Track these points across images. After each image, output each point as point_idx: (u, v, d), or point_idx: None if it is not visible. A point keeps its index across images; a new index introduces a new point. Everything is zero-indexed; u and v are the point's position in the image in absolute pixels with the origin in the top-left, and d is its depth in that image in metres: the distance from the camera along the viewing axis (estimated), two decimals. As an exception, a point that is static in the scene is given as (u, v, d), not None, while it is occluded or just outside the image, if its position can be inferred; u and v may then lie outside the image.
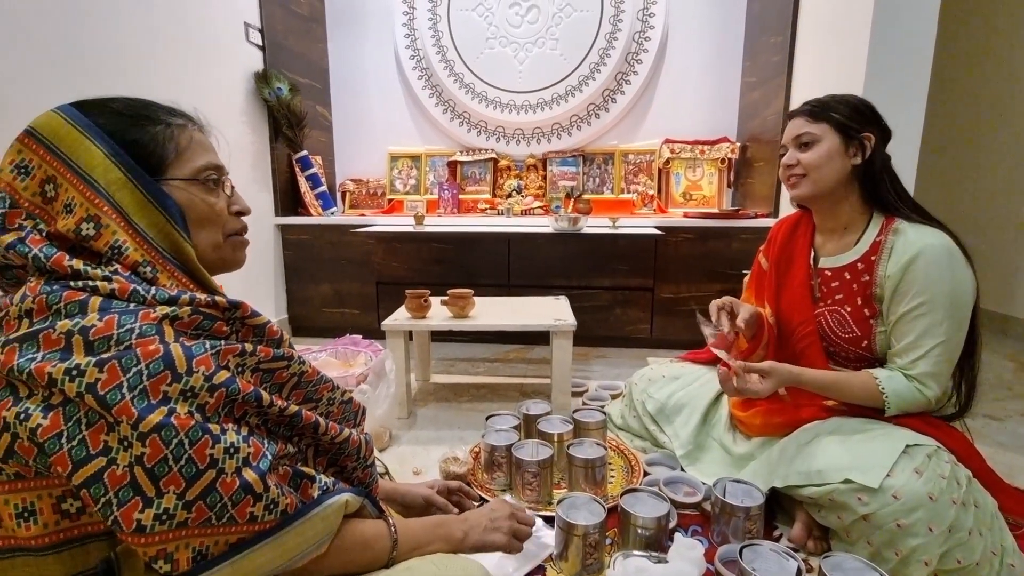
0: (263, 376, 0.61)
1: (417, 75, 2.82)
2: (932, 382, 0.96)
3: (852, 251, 1.07)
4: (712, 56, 2.65)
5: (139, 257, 0.57)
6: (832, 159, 1.03)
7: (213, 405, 0.53)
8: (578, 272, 2.26)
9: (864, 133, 1.02)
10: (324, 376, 0.70)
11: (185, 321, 0.55)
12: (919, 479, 0.85)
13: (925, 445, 0.91)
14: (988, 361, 2.12)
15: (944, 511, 0.82)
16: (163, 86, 1.81)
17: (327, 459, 0.70)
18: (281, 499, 0.56)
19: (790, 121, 1.09)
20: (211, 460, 0.51)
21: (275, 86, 2.31)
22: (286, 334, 0.67)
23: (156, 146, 0.59)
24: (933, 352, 0.95)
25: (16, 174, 0.56)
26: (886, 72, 1.59)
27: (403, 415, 1.60)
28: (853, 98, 1.05)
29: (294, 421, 0.62)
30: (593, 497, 0.97)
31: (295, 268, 2.50)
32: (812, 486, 0.92)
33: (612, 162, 2.78)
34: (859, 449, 0.91)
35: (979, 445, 1.02)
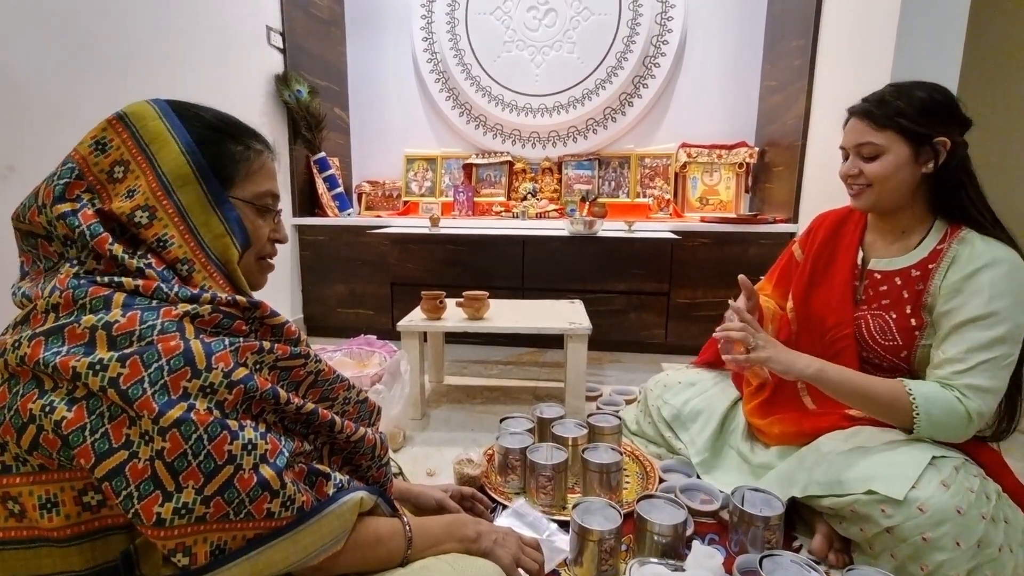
0: (280, 374, 0.62)
1: (434, 78, 2.84)
2: (975, 395, 0.85)
3: (909, 255, 0.99)
4: (731, 60, 2.63)
5: (181, 254, 0.59)
6: (900, 170, 0.93)
7: (232, 401, 0.53)
8: (593, 276, 2.25)
9: (938, 138, 0.92)
10: (340, 375, 0.70)
11: (205, 319, 0.56)
12: (946, 492, 0.81)
13: (952, 457, 0.88)
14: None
15: (973, 525, 0.79)
16: (186, 87, 1.85)
17: (342, 458, 0.70)
18: (298, 496, 0.56)
19: (849, 121, 1.00)
20: (229, 456, 0.51)
21: (295, 88, 2.34)
22: (303, 334, 0.68)
23: (230, 162, 0.63)
24: (982, 367, 0.86)
25: (93, 149, 0.58)
26: (913, 78, 1.56)
27: (417, 416, 1.60)
28: (922, 91, 0.93)
29: (310, 419, 0.63)
30: (609, 502, 0.96)
31: (311, 268, 2.52)
32: (833, 496, 0.90)
33: (628, 166, 2.77)
34: (883, 459, 0.88)
35: (1010, 461, 0.99)
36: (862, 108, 0.98)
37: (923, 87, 0.94)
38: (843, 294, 1.07)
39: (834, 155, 1.91)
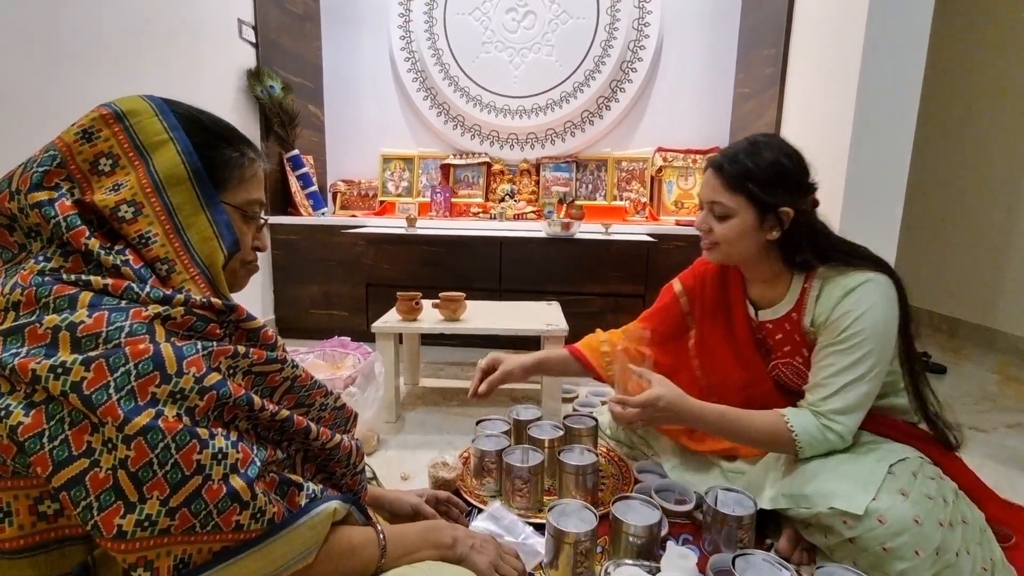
0: (255, 379, 0.60)
1: (412, 77, 2.81)
2: (841, 418, 0.91)
3: (784, 301, 1.03)
4: (706, 66, 2.68)
5: (163, 253, 0.57)
6: (746, 236, 0.97)
7: (203, 408, 0.51)
8: (570, 277, 2.26)
9: (782, 208, 0.94)
10: (318, 381, 0.68)
11: (178, 321, 0.54)
12: (905, 501, 0.83)
13: (910, 459, 0.90)
14: (972, 374, 2.15)
15: (930, 534, 0.81)
16: (153, 80, 1.78)
17: (316, 465, 0.68)
18: (268, 507, 0.54)
19: (705, 173, 1.01)
20: (198, 466, 0.49)
21: (267, 84, 2.29)
22: (281, 340, 0.66)
23: (225, 168, 0.62)
24: (845, 389, 0.91)
25: (79, 138, 0.56)
26: (879, 85, 1.62)
27: (391, 419, 1.58)
28: (772, 153, 0.95)
29: (285, 426, 0.61)
30: (585, 504, 0.96)
31: (284, 268, 2.46)
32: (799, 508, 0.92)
33: (605, 169, 2.79)
34: (843, 471, 0.90)
35: (966, 457, 1.02)
36: (718, 164, 0.99)
37: (773, 147, 0.96)
38: (749, 354, 1.10)
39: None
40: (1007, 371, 2.19)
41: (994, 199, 2.56)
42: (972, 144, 2.70)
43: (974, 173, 2.68)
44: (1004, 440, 1.55)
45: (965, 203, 2.74)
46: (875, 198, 1.66)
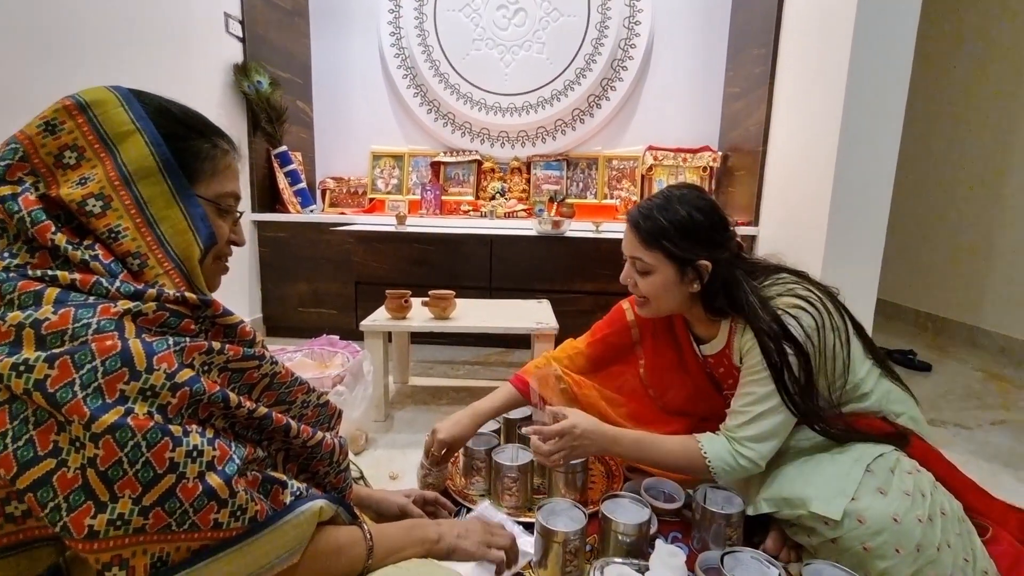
0: (232, 376, 0.58)
1: (402, 74, 2.79)
2: (754, 445, 0.93)
3: (718, 339, 1.07)
4: (696, 65, 2.68)
5: (134, 247, 0.55)
6: (669, 290, 1.00)
7: (176, 405, 0.49)
8: (560, 276, 2.25)
9: (699, 261, 0.97)
10: (299, 378, 0.67)
11: (149, 317, 0.52)
12: (883, 499, 0.84)
13: (886, 456, 0.91)
14: (957, 372, 2.18)
15: (910, 531, 0.82)
16: (137, 74, 1.75)
17: (298, 465, 0.67)
18: (250, 505, 0.52)
19: (626, 229, 1.04)
20: (170, 464, 0.47)
21: (255, 79, 2.25)
22: (259, 335, 0.64)
23: (196, 160, 0.60)
24: (760, 418, 0.93)
25: (42, 131, 0.54)
26: (867, 84, 1.63)
27: (380, 418, 1.56)
28: (684, 207, 0.97)
29: (263, 424, 0.59)
30: (574, 503, 0.95)
31: (271, 266, 2.43)
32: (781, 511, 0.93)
33: (596, 167, 2.79)
34: (821, 474, 0.90)
35: (949, 454, 1.03)
36: (634, 221, 1.01)
37: (686, 201, 0.98)
38: (704, 387, 1.14)
39: (793, 162, 1.98)
40: (991, 369, 2.22)
41: (979, 199, 2.59)
42: (957, 144, 2.73)
43: (959, 173, 2.71)
44: (988, 437, 1.57)
45: (950, 203, 2.77)
46: (863, 197, 1.67)
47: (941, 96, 2.80)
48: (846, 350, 0.97)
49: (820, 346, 0.93)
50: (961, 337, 2.63)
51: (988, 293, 2.52)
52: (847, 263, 1.69)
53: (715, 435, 0.98)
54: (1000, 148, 2.47)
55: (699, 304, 1.04)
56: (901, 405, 1.04)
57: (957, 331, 2.66)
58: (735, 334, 1.01)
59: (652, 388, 1.23)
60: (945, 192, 2.80)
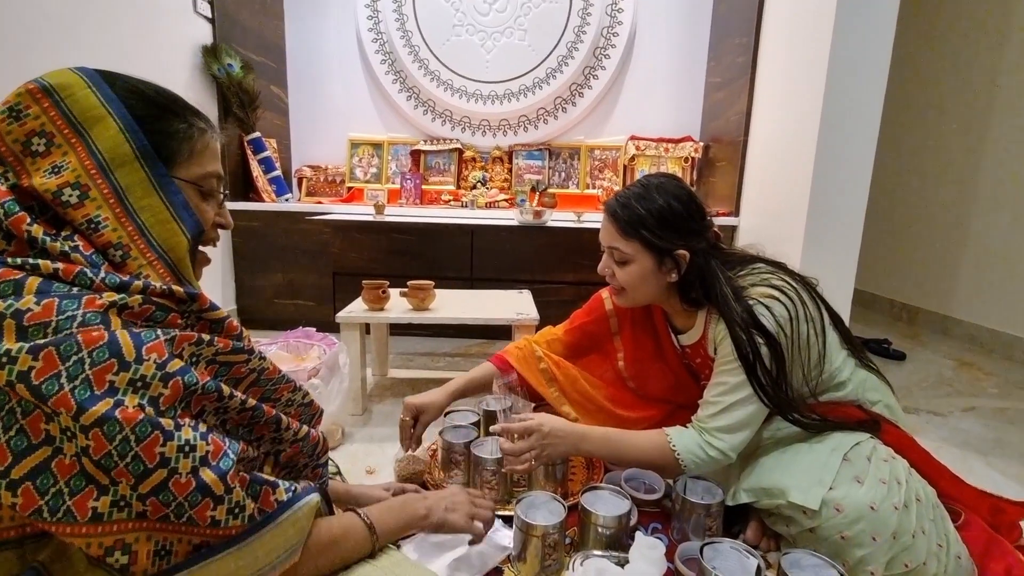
0: (219, 369, 0.57)
1: (380, 59, 2.72)
2: (724, 436, 0.93)
3: (695, 329, 1.06)
4: (678, 54, 2.67)
5: (115, 238, 0.52)
6: (647, 280, 0.99)
7: (169, 397, 0.48)
8: (542, 266, 2.23)
9: (678, 251, 0.96)
10: (285, 375, 0.65)
11: (135, 311, 0.50)
12: (860, 488, 0.85)
13: (863, 444, 0.91)
14: (930, 360, 2.22)
15: (886, 519, 0.83)
16: (98, 55, 1.66)
17: (280, 467, 0.65)
18: (248, 503, 0.51)
19: (604, 219, 1.02)
20: (161, 459, 0.46)
21: (225, 62, 2.17)
22: (247, 331, 0.62)
23: (173, 141, 0.58)
24: (731, 408, 0.92)
25: (5, 116, 0.51)
26: (847, 76, 1.63)
27: (357, 411, 1.53)
28: (663, 196, 0.96)
29: (255, 416, 0.58)
30: (553, 496, 0.94)
31: (245, 256, 2.36)
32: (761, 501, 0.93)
33: (578, 157, 2.77)
34: (799, 464, 0.90)
35: (922, 441, 1.04)
36: (612, 210, 1.00)
37: (665, 190, 0.97)
38: (683, 378, 1.14)
39: (773, 152, 1.98)
40: (962, 357, 2.27)
41: (952, 191, 2.64)
42: (931, 137, 2.77)
43: (934, 165, 2.76)
44: (959, 423, 1.60)
45: (925, 195, 2.82)
46: (842, 187, 1.68)
47: (916, 89, 2.84)
48: (821, 339, 0.96)
49: (793, 336, 0.92)
50: (934, 326, 2.69)
51: (960, 283, 2.58)
52: (825, 253, 1.70)
53: (685, 428, 0.97)
54: (973, 142, 2.52)
55: (676, 294, 1.03)
56: (877, 393, 1.05)
57: (930, 320, 2.72)
58: (710, 325, 1.01)
59: (632, 380, 1.23)
60: (920, 184, 2.85)
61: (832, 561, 0.78)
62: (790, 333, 0.92)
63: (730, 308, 0.93)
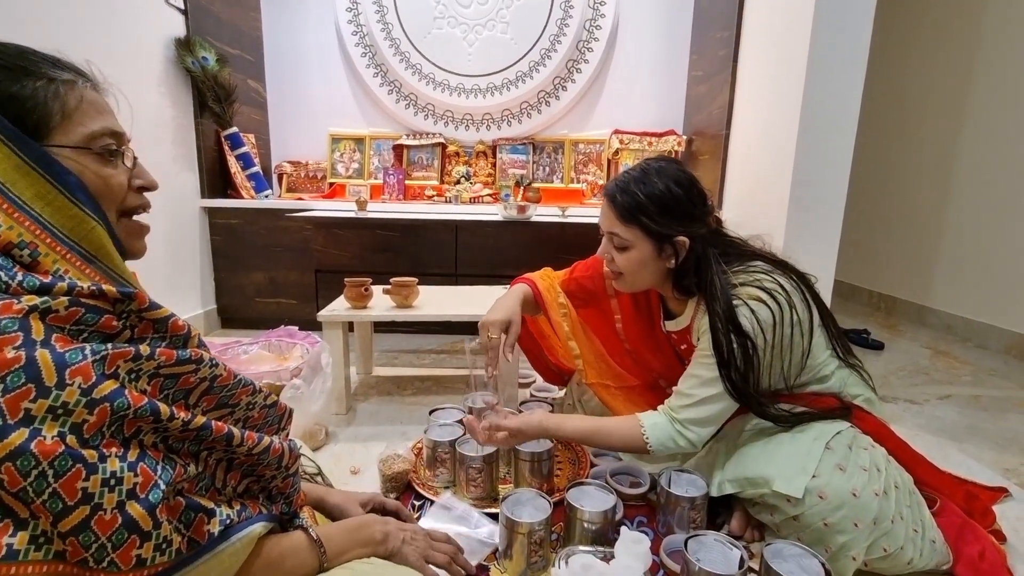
0: (164, 382, 0.52)
1: (360, 52, 2.68)
2: (695, 428, 0.94)
3: (684, 316, 1.07)
4: (661, 48, 2.67)
5: (15, 236, 0.46)
6: (646, 265, 0.99)
7: (94, 424, 0.44)
8: (527, 261, 2.20)
9: (678, 237, 0.95)
10: (243, 379, 0.61)
11: (62, 315, 0.45)
12: (842, 476, 0.86)
13: (843, 432, 0.93)
14: (907, 349, 2.27)
15: (868, 505, 0.84)
16: (64, 46, 1.60)
17: (241, 472, 0.62)
18: (175, 537, 0.47)
19: (603, 204, 1.02)
20: (83, 495, 0.42)
21: (200, 55, 2.11)
22: (195, 330, 0.58)
23: (37, 105, 0.49)
24: (704, 401, 0.93)
25: None
26: (826, 68, 1.64)
27: (341, 411, 1.51)
28: (663, 180, 0.95)
29: (202, 435, 0.54)
30: (539, 493, 0.94)
31: (225, 255, 2.32)
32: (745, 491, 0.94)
33: (562, 151, 2.76)
34: (783, 453, 0.91)
35: (899, 429, 1.06)
36: (611, 194, 0.99)
37: (665, 174, 0.96)
38: (672, 360, 1.15)
39: (755, 145, 2.00)
40: (938, 346, 2.32)
41: (928, 183, 2.69)
42: (908, 130, 2.82)
43: (911, 158, 2.81)
44: (935, 411, 1.64)
45: (902, 186, 2.87)
46: (822, 179, 1.70)
47: (893, 82, 2.88)
48: (807, 340, 0.96)
49: (775, 340, 0.92)
50: (911, 316, 2.75)
51: (936, 274, 2.63)
52: (806, 245, 1.72)
53: (658, 416, 0.98)
54: (949, 134, 2.56)
55: (671, 280, 1.03)
56: (858, 388, 1.06)
57: (907, 310, 2.78)
58: (698, 315, 1.01)
59: (628, 343, 1.24)
60: (897, 176, 2.90)
61: (813, 551, 0.80)
62: (771, 338, 0.92)
63: (715, 299, 0.93)
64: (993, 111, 2.34)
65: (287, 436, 0.72)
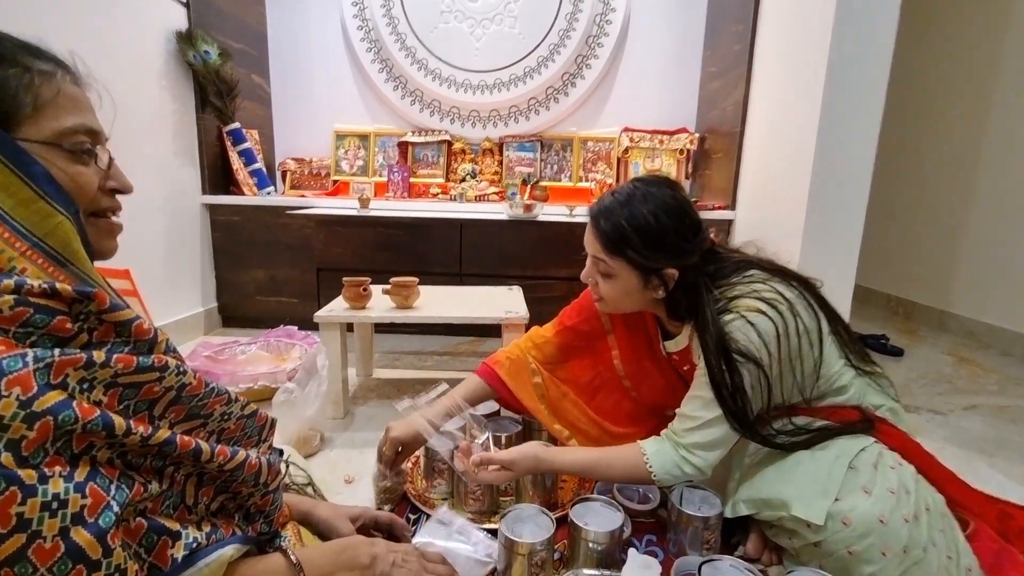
0: (124, 392, 0.47)
1: (366, 47, 2.63)
2: (701, 452, 0.87)
3: (683, 335, 1.00)
4: (673, 43, 2.60)
5: None
6: (631, 295, 0.94)
7: (34, 440, 0.39)
8: (533, 261, 2.16)
9: (666, 270, 0.89)
10: (216, 387, 0.56)
11: (5, 315, 0.41)
12: (868, 499, 0.79)
13: (868, 450, 0.86)
14: (927, 356, 2.18)
15: (897, 532, 0.77)
16: (63, 39, 1.56)
17: (214, 488, 0.57)
18: (131, 565, 0.42)
19: (587, 226, 0.95)
20: (19, 521, 0.37)
21: (202, 49, 2.07)
22: (164, 334, 0.53)
23: (6, 95, 0.46)
24: (707, 425, 0.87)
25: None
26: (847, 65, 1.56)
27: (338, 415, 1.46)
28: (649, 208, 0.88)
29: (165, 450, 0.48)
30: (541, 509, 0.88)
31: (225, 252, 2.28)
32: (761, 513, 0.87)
33: (571, 149, 2.70)
34: (801, 473, 0.85)
35: (924, 441, 0.98)
36: (595, 219, 0.93)
37: (653, 201, 0.88)
38: (675, 382, 1.07)
39: (771, 144, 1.92)
40: (960, 353, 2.23)
41: (949, 184, 2.60)
42: (930, 130, 2.73)
43: (932, 158, 2.71)
44: (961, 422, 1.56)
45: (921, 185, 2.78)
46: (842, 179, 1.62)
47: (916, 80, 2.78)
48: (817, 350, 0.90)
49: (781, 353, 0.86)
50: (931, 321, 2.65)
51: (957, 278, 2.54)
52: (825, 248, 1.65)
53: (660, 442, 0.91)
54: (973, 135, 2.47)
55: (663, 307, 0.98)
56: (880, 397, 0.99)
57: (927, 315, 2.69)
58: (696, 334, 0.94)
59: (629, 379, 1.17)
60: (917, 177, 2.80)
61: (839, 581, 0.73)
62: (775, 350, 0.85)
63: (707, 333, 0.87)
64: (1021, 108, 2.24)
65: (269, 448, 0.66)
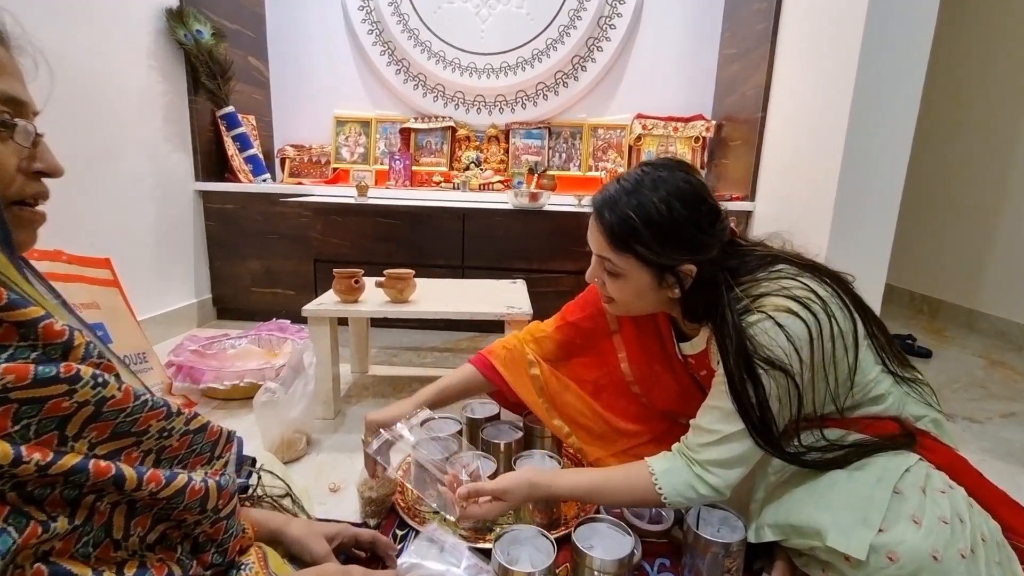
0: (20, 409, 0.39)
1: (367, 29, 2.52)
2: (719, 471, 0.77)
3: (700, 337, 0.91)
4: (690, 24, 2.46)
5: None
6: (643, 295, 0.83)
7: None
8: (539, 254, 2.06)
9: (682, 266, 0.79)
10: (151, 400, 0.47)
11: None
12: (918, 532, 0.68)
13: (913, 470, 0.75)
14: (957, 358, 2.06)
15: (952, 570, 0.66)
16: (40, 18, 1.47)
17: (151, 517, 0.48)
18: None
19: (591, 221, 0.85)
20: None
21: (193, 28, 1.98)
22: (84, 337, 0.43)
23: None
24: (726, 440, 0.76)
25: None
26: (883, 46, 1.43)
27: (328, 415, 1.37)
28: (660, 196, 0.77)
29: (75, 479, 0.40)
30: (540, 531, 0.78)
31: (220, 242, 2.20)
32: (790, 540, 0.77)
33: (580, 137, 2.58)
34: (838, 495, 0.74)
35: (963, 452, 0.88)
36: (598, 211, 0.82)
37: (665, 186, 0.78)
38: (690, 388, 0.99)
39: (796, 131, 1.79)
40: (992, 355, 2.10)
41: (979, 180, 2.45)
42: (963, 118, 2.57)
43: (963, 155, 2.56)
44: (1000, 431, 1.44)
45: (951, 179, 2.63)
46: (875, 170, 1.49)
47: (950, 71, 2.62)
48: (852, 354, 0.79)
49: (813, 359, 0.75)
50: (959, 320, 2.52)
51: (987, 275, 2.40)
52: (855, 244, 1.53)
53: (672, 459, 0.81)
54: (1005, 132, 2.32)
55: (679, 307, 0.86)
56: (920, 407, 0.88)
57: (955, 314, 2.55)
58: (714, 338, 0.84)
59: (638, 384, 1.07)
60: (947, 167, 2.65)
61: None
62: (807, 356, 0.74)
63: (726, 338, 0.76)
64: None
65: (223, 466, 0.57)
